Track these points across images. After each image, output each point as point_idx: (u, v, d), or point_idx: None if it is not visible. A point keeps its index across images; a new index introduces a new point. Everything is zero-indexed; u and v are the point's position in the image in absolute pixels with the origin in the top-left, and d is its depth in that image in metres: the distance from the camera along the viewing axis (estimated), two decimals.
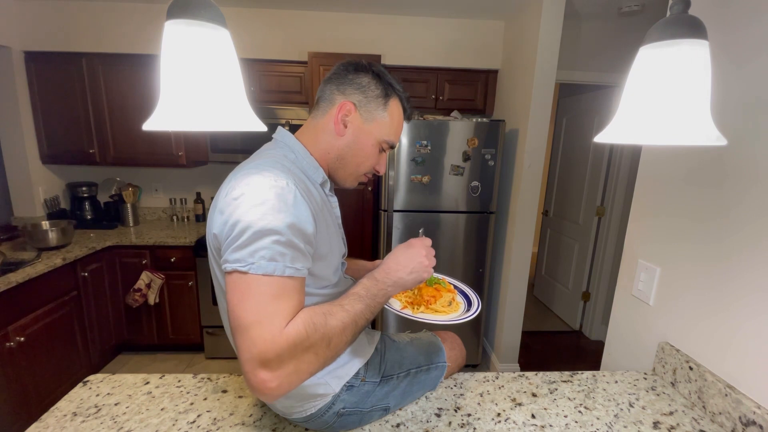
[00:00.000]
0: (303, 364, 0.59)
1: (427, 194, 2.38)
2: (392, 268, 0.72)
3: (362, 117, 0.76)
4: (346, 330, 0.64)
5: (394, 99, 0.78)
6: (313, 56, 2.46)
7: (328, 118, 0.76)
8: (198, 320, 2.62)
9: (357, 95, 0.75)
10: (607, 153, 2.95)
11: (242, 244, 0.58)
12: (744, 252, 0.86)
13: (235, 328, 0.58)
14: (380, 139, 0.78)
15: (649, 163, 1.16)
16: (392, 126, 0.79)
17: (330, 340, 0.62)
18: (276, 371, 0.57)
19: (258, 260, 0.57)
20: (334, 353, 0.64)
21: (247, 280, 0.57)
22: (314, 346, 0.60)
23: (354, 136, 0.77)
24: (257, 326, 0.56)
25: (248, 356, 0.56)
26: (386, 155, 0.84)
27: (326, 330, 0.61)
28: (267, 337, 0.56)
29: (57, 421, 0.81)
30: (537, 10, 2.17)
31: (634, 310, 1.18)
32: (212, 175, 3.05)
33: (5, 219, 2.61)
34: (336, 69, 0.78)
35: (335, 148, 0.77)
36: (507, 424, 0.84)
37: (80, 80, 2.53)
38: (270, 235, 0.58)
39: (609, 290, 3.04)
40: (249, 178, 0.63)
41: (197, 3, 0.50)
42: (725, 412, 0.85)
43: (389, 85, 0.78)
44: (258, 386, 0.57)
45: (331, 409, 0.77)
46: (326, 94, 0.77)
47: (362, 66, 0.77)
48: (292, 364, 0.58)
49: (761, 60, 0.83)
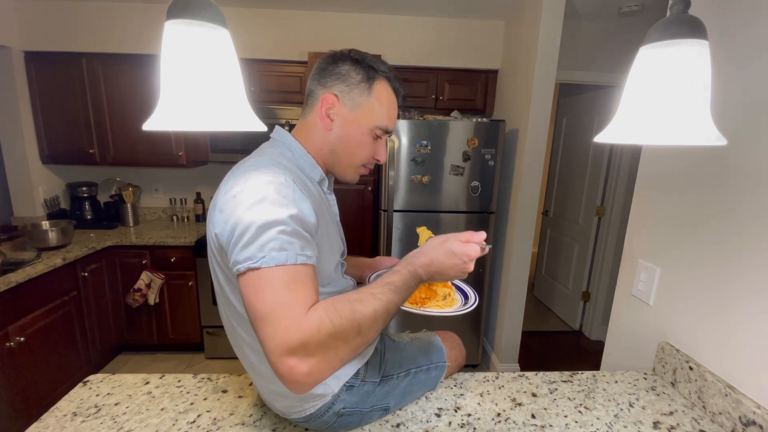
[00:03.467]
0: (332, 351, 0.57)
1: (427, 194, 2.38)
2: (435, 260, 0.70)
3: (347, 106, 0.74)
4: (378, 320, 0.62)
5: (379, 81, 0.75)
6: (313, 56, 2.46)
7: (315, 113, 0.76)
8: (198, 320, 2.62)
9: (338, 85, 0.74)
10: (607, 153, 2.95)
11: (249, 240, 0.57)
12: (744, 252, 0.86)
13: (255, 321, 0.56)
14: (371, 126, 0.76)
15: (649, 163, 1.16)
16: (382, 109, 0.76)
17: (360, 328, 0.60)
18: (304, 358, 0.55)
19: (268, 252, 0.56)
20: (365, 340, 0.61)
21: (260, 274, 0.56)
22: (342, 334, 0.58)
23: (342, 128, 0.75)
24: (277, 315, 0.55)
25: (272, 345, 0.54)
26: (384, 142, 0.81)
27: (354, 316, 0.59)
28: (288, 324, 0.54)
29: (57, 421, 0.81)
30: (537, 10, 2.17)
31: (634, 310, 1.18)
32: (212, 175, 3.05)
33: (5, 219, 2.61)
34: (317, 63, 0.77)
35: (326, 143, 0.77)
36: (507, 424, 0.84)
37: (80, 80, 2.53)
38: (275, 226, 0.58)
39: (609, 290, 3.04)
40: (247, 175, 0.62)
41: (197, 3, 0.50)
42: (725, 412, 0.85)
43: (370, 68, 0.75)
44: (288, 374, 0.54)
45: (331, 409, 0.77)
46: (311, 90, 0.77)
47: (340, 55, 0.75)
48: (320, 352, 0.56)
49: (761, 60, 0.83)
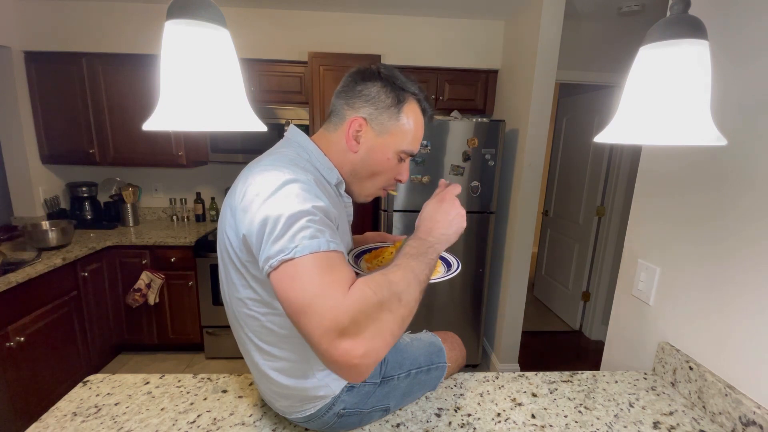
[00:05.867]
0: (382, 323, 0.55)
1: (427, 194, 2.37)
2: (431, 227, 0.69)
3: (375, 130, 0.73)
4: (411, 285, 0.60)
5: (409, 103, 0.74)
6: (313, 56, 2.46)
7: (340, 133, 0.74)
8: (198, 320, 2.62)
9: (367, 108, 0.72)
10: (607, 153, 2.95)
11: (280, 233, 0.56)
12: (744, 252, 0.86)
13: (296, 314, 0.54)
14: (397, 149, 0.75)
15: (649, 163, 1.16)
16: (410, 134, 0.75)
17: (399, 295, 0.58)
18: (357, 336, 0.52)
19: (300, 241, 0.55)
20: (408, 310, 0.59)
21: (296, 263, 0.55)
22: (385, 303, 0.56)
23: (367, 151, 0.74)
24: (318, 300, 0.53)
25: (321, 331, 0.52)
26: (407, 163, 0.80)
27: (391, 286, 0.58)
28: (333, 305, 0.52)
29: (57, 421, 0.81)
30: (537, 10, 2.17)
31: (634, 310, 1.18)
32: (212, 175, 3.05)
33: (5, 219, 2.61)
34: (344, 80, 0.75)
35: (348, 163, 0.75)
36: (507, 424, 0.84)
37: (80, 80, 2.53)
38: (304, 216, 0.57)
39: (609, 290, 3.04)
40: (267, 173, 0.62)
41: (197, 3, 0.50)
42: (725, 412, 0.85)
43: (401, 90, 0.73)
44: (343, 359, 0.52)
45: (331, 410, 0.77)
46: (337, 108, 0.75)
47: (370, 73, 0.73)
48: (371, 326, 0.54)
49: (761, 60, 0.83)
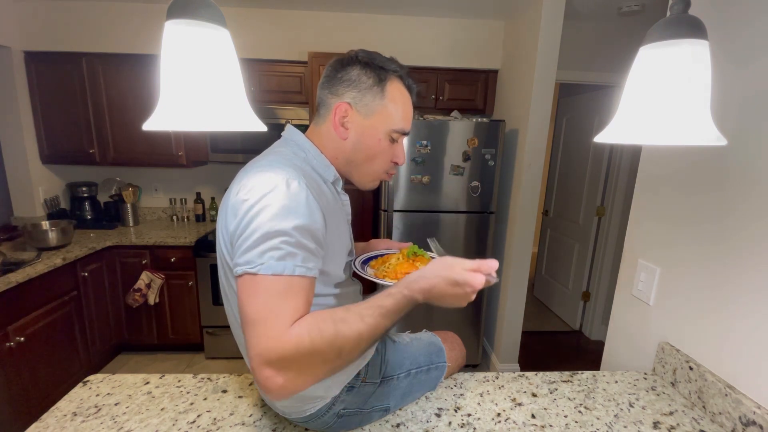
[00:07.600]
0: (308, 368, 0.58)
1: (427, 194, 2.38)
2: (432, 293, 0.64)
3: (361, 113, 0.73)
4: (362, 342, 0.61)
5: (391, 81, 0.73)
6: (313, 56, 2.46)
7: (329, 123, 0.75)
8: (198, 320, 2.62)
9: (350, 92, 0.72)
10: (607, 153, 2.95)
11: (251, 246, 0.58)
12: (744, 252, 0.85)
13: (243, 324, 0.58)
14: (387, 130, 0.74)
15: (649, 163, 1.15)
16: (397, 112, 0.74)
17: (340, 350, 0.59)
18: (279, 371, 0.56)
19: (267, 260, 0.57)
20: (345, 362, 0.61)
21: (256, 280, 0.57)
22: (320, 353, 0.57)
23: (358, 136, 0.74)
24: (263, 323, 0.56)
25: (254, 352, 0.56)
26: (401, 144, 0.79)
27: (335, 339, 0.58)
28: (272, 335, 0.55)
29: (57, 421, 0.81)
30: (537, 10, 2.17)
31: (634, 310, 1.18)
32: (212, 175, 3.05)
33: (5, 219, 2.61)
34: (325, 71, 0.76)
35: (342, 152, 0.76)
36: (507, 424, 0.84)
37: (80, 80, 2.53)
38: (279, 236, 0.58)
39: (609, 290, 3.04)
40: (261, 176, 0.62)
41: (197, 3, 0.50)
42: (725, 412, 0.85)
43: (381, 69, 0.73)
44: (264, 383, 0.56)
45: (331, 410, 0.77)
46: (322, 99, 0.76)
47: (348, 59, 0.73)
48: (294, 367, 0.57)
49: (761, 60, 0.83)
